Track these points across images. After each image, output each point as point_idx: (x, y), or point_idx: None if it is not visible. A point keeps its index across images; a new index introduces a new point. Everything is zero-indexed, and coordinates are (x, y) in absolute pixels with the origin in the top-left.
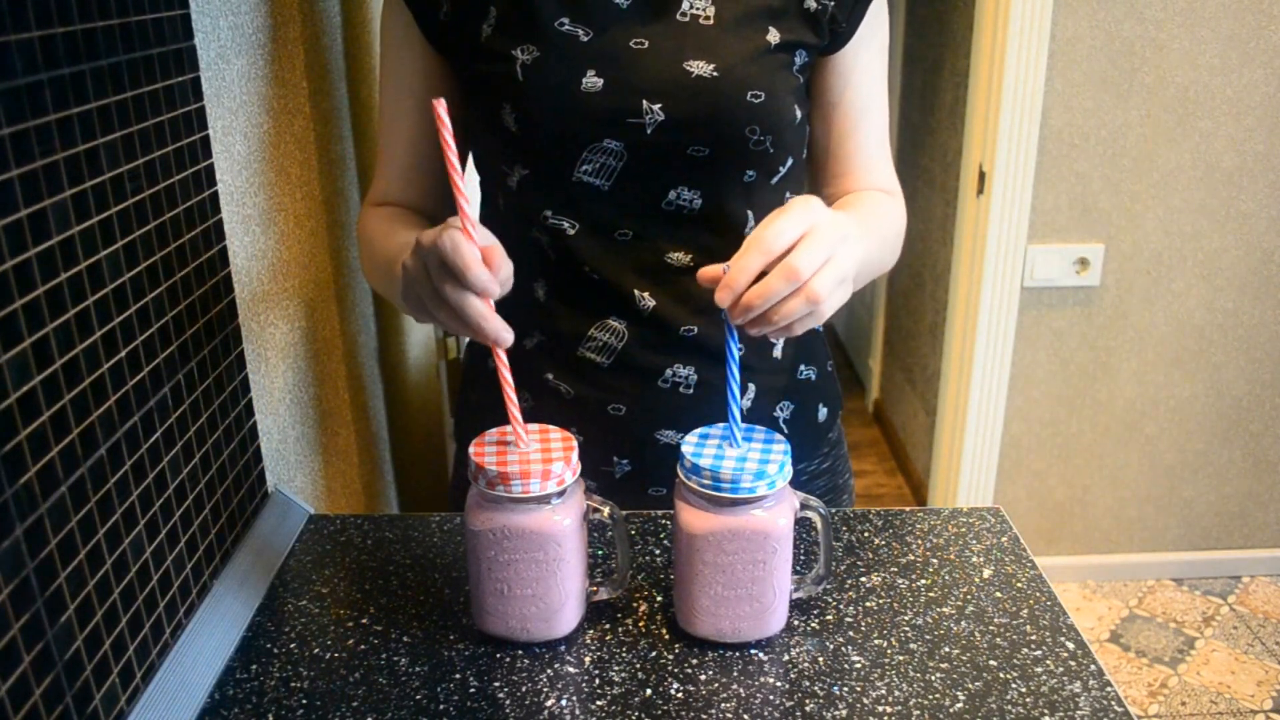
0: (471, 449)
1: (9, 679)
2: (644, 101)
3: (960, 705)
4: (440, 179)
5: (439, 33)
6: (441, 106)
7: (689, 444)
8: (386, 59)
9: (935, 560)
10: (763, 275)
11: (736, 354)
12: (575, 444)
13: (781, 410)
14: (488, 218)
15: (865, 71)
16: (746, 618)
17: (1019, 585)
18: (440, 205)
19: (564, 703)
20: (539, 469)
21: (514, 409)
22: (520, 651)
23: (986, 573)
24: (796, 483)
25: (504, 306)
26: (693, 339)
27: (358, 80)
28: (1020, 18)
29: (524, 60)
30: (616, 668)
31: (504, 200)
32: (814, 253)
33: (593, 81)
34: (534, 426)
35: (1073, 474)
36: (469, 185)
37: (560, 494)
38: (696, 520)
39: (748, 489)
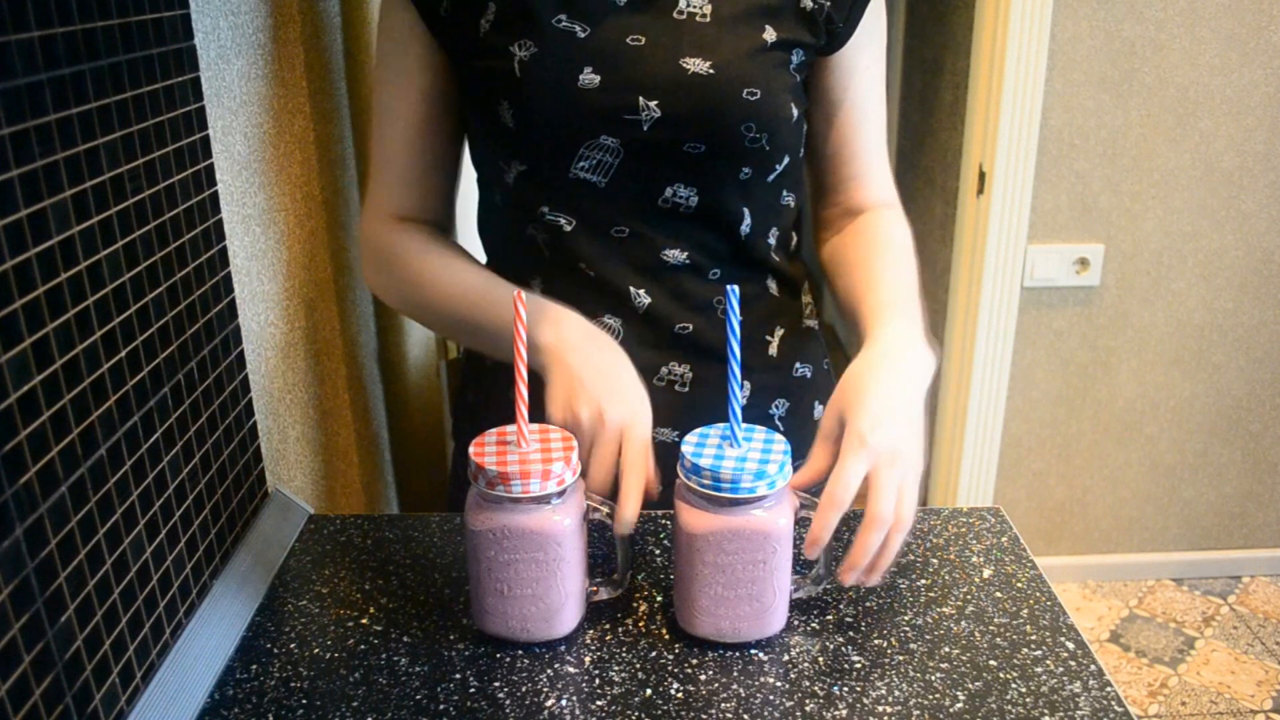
0: (471, 449)
1: (9, 679)
2: (640, 98)
3: (960, 705)
4: (449, 178)
5: (439, 29)
6: (523, 295)
7: (689, 444)
8: (387, 58)
9: (935, 560)
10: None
11: (738, 353)
12: (575, 443)
13: (777, 408)
14: (484, 214)
15: (865, 73)
16: (746, 618)
17: (1019, 585)
18: (450, 207)
19: (564, 703)
20: (539, 469)
21: (523, 406)
22: (520, 651)
23: (986, 573)
24: None
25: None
26: (688, 336)
27: (358, 80)
28: (1020, 18)
29: (522, 56)
30: (616, 668)
31: (501, 196)
32: (887, 494)
33: (590, 78)
34: (534, 426)
35: (1073, 474)
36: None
37: (560, 494)
38: (696, 520)
39: (748, 489)
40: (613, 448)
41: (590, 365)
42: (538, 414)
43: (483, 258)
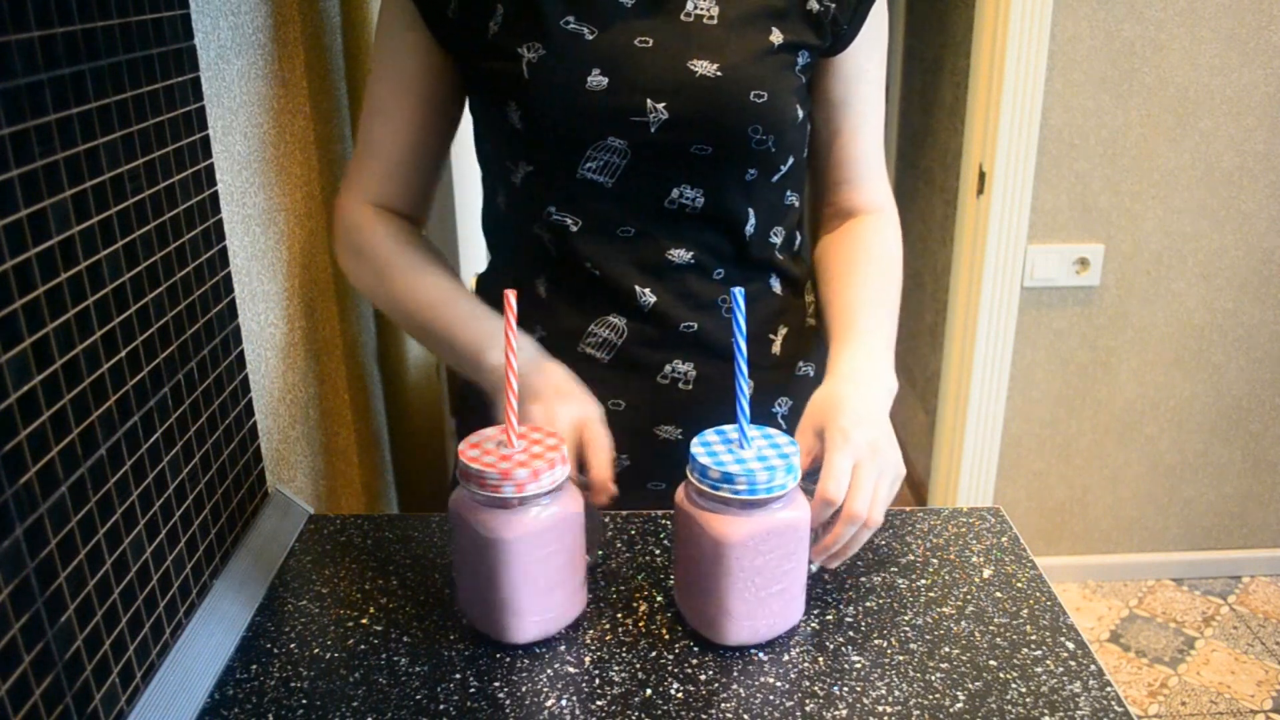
0: (481, 461)
1: (9, 679)
2: (648, 100)
3: (960, 705)
4: (431, 175)
5: (446, 31)
6: (513, 296)
7: (705, 455)
8: (385, 54)
9: (935, 560)
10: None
11: (745, 355)
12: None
13: (780, 406)
14: (491, 214)
15: (865, 76)
16: (778, 614)
17: (1019, 585)
18: (427, 202)
19: (564, 703)
20: (553, 458)
21: (513, 414)
22: (520, 651)
23: (986, 573)
24: None
25: None
26: (692, 335)
27: (358, 80)
28: (1020, 18)
29: (530, 59)
30: (616, 668)
31: (507, 196)
32: (864, 491)
33: (597, 80)
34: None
35: (1073, 474)
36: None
37: (562, 484)
38: (729, 528)
39: (780, 486)
40: (571, 439)
41: (540, 377)
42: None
43: (482, 256)
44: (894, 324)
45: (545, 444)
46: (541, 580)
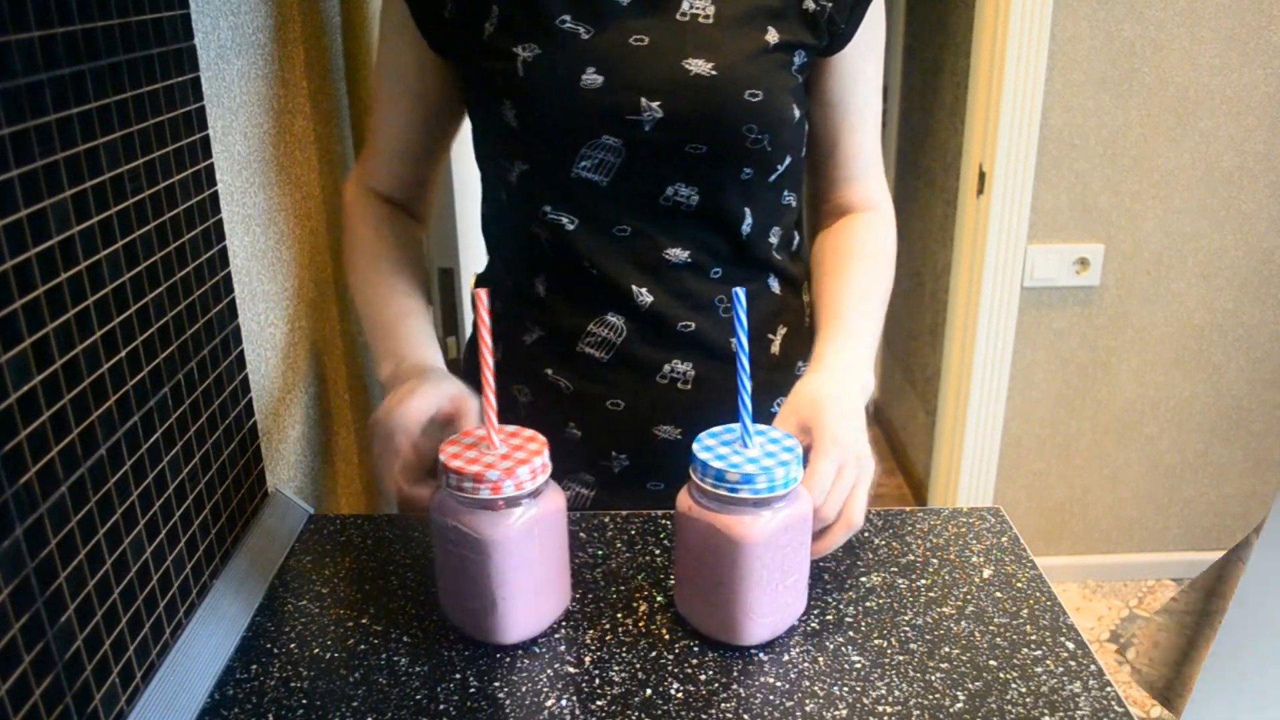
0: (467, 470)
1: (9, 679)
2: (642, 99)
3: (960, 705)
4: (420, 170)
5: (443, 31)
6: (484, 295)
7: (715, 459)
8: (383, 47)
9: (935, 560)
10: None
11: (746, 354)
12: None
13: (779, 406)
14: (490, 214)
15: (862, 75)
16: (793, 604)
17: (1019, 585)
18: (416, 191)
19: (564, 703)
20: (539, 462)
21: (491, 414)
22: (520, 651)
23: (986, 573)
24: None
25: (505, 301)
26: (690, 334)
27: (358, 80)
28: (1020, 18)
29: (525, 57)
30: (616, 668)
31: (504, 196)
32: (839, 494)
33: (592, 78)
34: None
35: (1073, 474)
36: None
37: (547, 481)
38: (747, 528)
39: (794, 479)
40: (392, 439)
41: (400, 388)
42: (534, 411)
43: (482, 256)
44: (879, 320)
45: (526, 445)
46: (527, 580)
